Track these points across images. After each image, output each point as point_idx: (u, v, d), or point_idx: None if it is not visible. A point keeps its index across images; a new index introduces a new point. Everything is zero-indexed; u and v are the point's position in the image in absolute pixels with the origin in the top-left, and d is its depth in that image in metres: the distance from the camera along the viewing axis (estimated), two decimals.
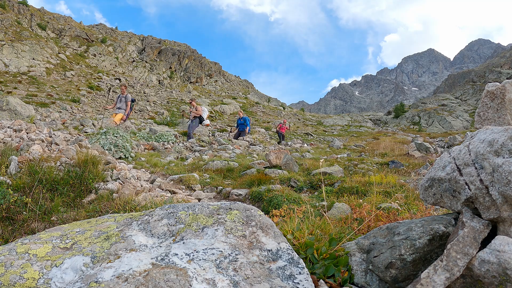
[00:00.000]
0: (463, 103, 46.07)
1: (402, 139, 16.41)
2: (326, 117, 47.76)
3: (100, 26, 59.10)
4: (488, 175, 0.95)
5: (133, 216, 1.24)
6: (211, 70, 62.03)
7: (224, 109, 35.34)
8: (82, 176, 3.08)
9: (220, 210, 1.18)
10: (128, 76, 44.01)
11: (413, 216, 1.85)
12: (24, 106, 12.57)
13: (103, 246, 1.00)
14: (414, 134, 24.23)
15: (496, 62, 70.31)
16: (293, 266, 0.97)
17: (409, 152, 8.59)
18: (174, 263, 0.91)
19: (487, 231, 0.94)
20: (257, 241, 1.05)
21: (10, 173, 2.99)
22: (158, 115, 27.00)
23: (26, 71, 32.26)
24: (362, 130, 33.12)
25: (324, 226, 1.55)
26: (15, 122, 5.84)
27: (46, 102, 20.04)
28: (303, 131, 26.57)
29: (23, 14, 44.28)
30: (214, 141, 12.50)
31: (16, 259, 0.92)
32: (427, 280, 0.87)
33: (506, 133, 0.97)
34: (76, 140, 4.92)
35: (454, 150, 1.13)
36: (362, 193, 3.73)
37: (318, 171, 4.93)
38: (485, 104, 1.32)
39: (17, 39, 36.60)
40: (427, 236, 1.04)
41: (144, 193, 3.06)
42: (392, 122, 43.33)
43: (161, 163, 6.10)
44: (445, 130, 32.37)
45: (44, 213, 2.49)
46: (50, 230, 1.16)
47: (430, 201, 1.16)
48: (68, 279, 0.87)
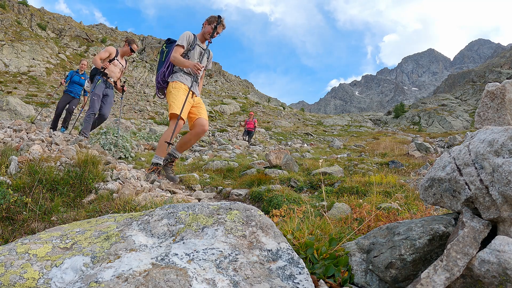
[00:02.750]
0: (463, 103, 46.08)
1: (402, 139, 16.42)
2: (326, 117, 47.77)
3: (100, 26, 59.11)
4: (488, 175, 0.95)
5: (133, 216, 1.24)
6: (211, 70, 62.04)
7: (224, 109, 35.35)
8: (82, 176, 3.08)
9: (220, 210, 1.19)
10: (128, 76, 44.00)
11: (413, 216, 1.86)
12: (24, 106, 12.57)
13: (103, 246, 1.00)
14: (414, 134, 24.24)
15: (496, 62, 70.31)
16: (293, 266, 0.97)
17: (409, 152, 8.60)
18: (174, 263, 0.91)
19: (487, 231, 0.94)
20: (257, 241, 1.05)
21: (10, 173, 3.00)
22: (158, 115, 27.01)
23: (26, 71, 32.27)
24: (362, 130, 33.13)
25: (324, 226, 1.55)
26: (15, 122, 5.85)
27: (46, 102, 20.04)
28: (303, 131, 26.58)
29: (23, 14, 44.29)
30: (214, 141, 12.51)
31: (16, 259, 0.92)
32: (427, 280, 0.87)
33: (506, 133, 0.97)
34: (76, 140, 4.92)
35: (454, 150, 1.13)
36: (362, 193, 3.73)
37: (318, 171, 4.94)
38: (485, 104, 1.32)
39: (17, 39, 36.61)
40: (427, 236, 1.04)
41: (144, 193, 3.06)
42: (392, 122, 43.34)
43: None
44: (445, 130, 32.37)
45: (44, 213, 2.49)
46: (50, 230, 1.16)
47: (430, 201, 1.16)
48: (68, 279, 0.87)
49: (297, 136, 23.63)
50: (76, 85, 8.28)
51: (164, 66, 3.86)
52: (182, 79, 3.75)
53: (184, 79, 3.76)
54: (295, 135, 24.20)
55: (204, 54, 3.90)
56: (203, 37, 3.90)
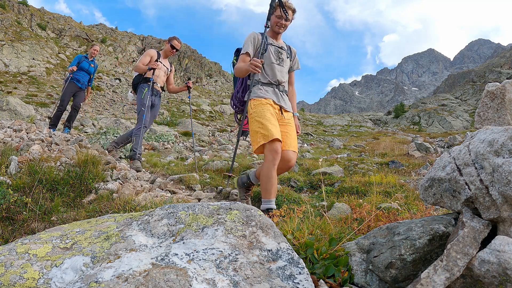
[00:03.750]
0: (463, 103, 46.09)
1: (402, 139, 16.41)
2: (326, 117, 47.76)
3: (100, 26, 59.12)
4: (488, 175, 0.95)
5: (133, 216, 1.24)
6: (211, 70, 62.04)
7: (224, 109, 35.34)
8: (82, 176, 3.08)
9: (220, 210, 1.19)
10: (128, 76, 43.99)
11: (413, 216, 1.86)
12: (24, 106, 12.57)
13: (103, 246, 1.00)
14: (414, 134, 24.23)
15: (496, 62, 70.33)
16: (293, 266, 0.97)
17: (409, 152, 8.60)
18: (174, 263, 0.91)
19: (487, 231, 0.94)
20: (257, 241, 1.05)
21: (10, 173, 3.00)
22: (158, 115, 27.00)
23: (26, 71, 32.27)
24: (362, 130, 33.13)
25: (324, 226, 1.55)
26: (15, 122, 5.85)
27: (46, 102, 20.04)
28: (303, 131, 26.57)
29: (23, 14, 44.30)
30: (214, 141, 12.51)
31: (16, 259, 0.92)
32: (427, 280, 0.87)
33: (506, 133, 0.97)
34: (76, 140, 4.92)
35: (454, 150, 1.13)
36: (362, 193, 3.74)
37: (318, 171, 4.94)
38: (485, 104, 1.32)
39: (17, 39, 36.62)
40: (427, 236, 1.04)
41: (144, 193, 3.06)
42: (392, 122, 43.34)
43: (161, 163, 6.10)
44: (445, 130, 32.38)
45: (44, 213, 2.49)
46: (50, 230, 1.16)
47: (430, 201, 1.16)
48: (68, 279, 0.87)
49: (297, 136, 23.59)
50: (84, 72, 6.91)
51: (238, 84, 3.07)
52: (261, 92, 2.78)
53: (264, 91, 2.79)
54: None
55: (281, 53, 2.91)
56: (274, 33, 2.94)
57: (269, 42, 2.90)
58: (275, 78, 2.83)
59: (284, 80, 2.88)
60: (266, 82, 2.84)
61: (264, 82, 2.84)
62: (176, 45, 5.06)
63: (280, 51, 2.92)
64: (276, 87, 2.85)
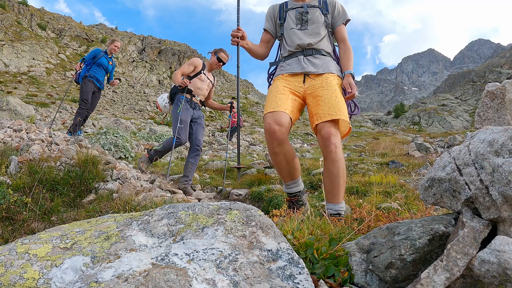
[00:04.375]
0: (463, 103, 46.09)
1: (402, 139, 16.42)
2: None
3: (100, 26, 59.14)
4: (488, 175, 0.95)
5: (133, 216, 1.24)
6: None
7: None
8: (82, 176, 3.08)
9: (220, 210, 1.19)
10: (128, 76, 44.00)
11: (413, 216, 1.86)
12: (24, 106, 12.57)
13: (103, 246, 1.00)
14: (414, 134, 24.24)
15: (496, 62, 70.32)
16: (293, 266, 0.97)
17: (409, 152, 8.60)
18: (174, 263, 0.91)
19: (487, 231, 0.94)
20: (257, 241, 1.05)
21: (10, 173, 3.00)
22: (158, 115, 27.02)
23: (26, 71, 32.28)
24: (362, 130, 33.13)
25: (324, 226, 1.55)
26: (15, 122, 5.84)
27: (46, 102, 20.04)
28: (303, 131, 26.57)
29: (23, 14, 44.30)
30: (214, 141, 12.50)
31: (16, 259, 0.92)
32: (427, 280, 0.87)
33: (506, 133, 0.97)
34: (76, 140, 4.92)
35: (454, 150, 1.13)
36: (362, 193, 3.73)
37: (318, 171, 4.94)
38: (485, 104, 1.32)
39: (17, 39, 36.61)
40: (427, 236, 1.04)
41: (144, 193, 3.06)
42: (392, 122, 43.35)
43: (161, 163, 6.11)
44: (445, 130, 32.39)
45: (44, 213, 2.49)
46: (50, 230, 1.16)
47: (430, 201, 1.16)
48: (68, 279, 0.87)
49: (297, 136, 23.63)
50: (103, 70, 6.26)
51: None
52: (279, 70, 2.49)
53: (280, 69, 2.49)
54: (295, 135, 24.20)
55: (308, 13, 2.47)
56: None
57: (289, 7, 2.54)
58: (294, 45, 2.44)
59: (310, 42, 2.43)
60: (287, 55, 2.49)
61: (285, 55, 2.51)
62: (223, 58, 4.68)
63: (303, 13, 2.48)
64: (300, 53, 2.44)
